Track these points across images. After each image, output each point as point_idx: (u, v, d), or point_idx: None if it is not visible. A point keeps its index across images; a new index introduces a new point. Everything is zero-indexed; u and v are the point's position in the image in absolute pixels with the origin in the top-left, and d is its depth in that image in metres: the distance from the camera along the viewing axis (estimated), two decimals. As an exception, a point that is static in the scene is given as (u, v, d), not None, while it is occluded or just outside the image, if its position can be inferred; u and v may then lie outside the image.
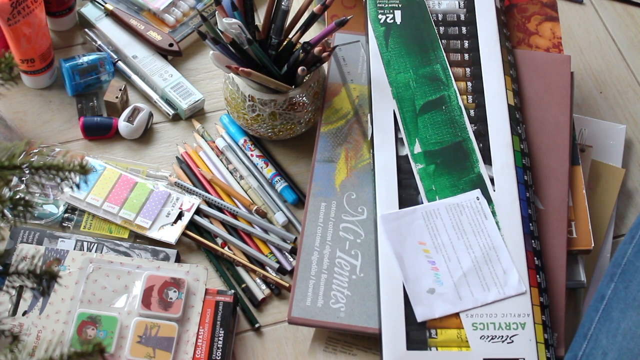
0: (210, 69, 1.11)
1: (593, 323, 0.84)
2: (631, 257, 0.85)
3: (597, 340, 0.82)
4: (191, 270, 0.91)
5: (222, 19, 0.92)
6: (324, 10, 0.94)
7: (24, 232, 0.95)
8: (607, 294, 0.85)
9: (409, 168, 0.93)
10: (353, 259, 0.90)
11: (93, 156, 1.03)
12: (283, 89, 0.96)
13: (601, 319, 0.83)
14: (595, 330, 0.83)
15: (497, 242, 0.89)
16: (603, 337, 0.82)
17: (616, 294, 0.84)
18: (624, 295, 0.83)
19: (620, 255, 0.86)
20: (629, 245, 0.86)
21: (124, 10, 1.12)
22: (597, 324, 0.83)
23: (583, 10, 1.22)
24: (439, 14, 1.03)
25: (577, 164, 0.97)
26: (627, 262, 0.85)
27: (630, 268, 0.84)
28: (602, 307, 0.84)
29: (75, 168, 0.61)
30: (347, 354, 0.89)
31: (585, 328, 0.84)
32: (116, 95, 1.06)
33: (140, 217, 0.97)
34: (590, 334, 0.83)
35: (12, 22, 0.98)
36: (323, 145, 0.97)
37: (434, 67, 0.99)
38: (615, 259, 0.87)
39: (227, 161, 1.04)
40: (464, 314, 0.86)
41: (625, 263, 0.85)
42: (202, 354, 0.87)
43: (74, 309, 0.88)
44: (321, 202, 0.93)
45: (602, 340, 0.82)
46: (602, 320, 0.83)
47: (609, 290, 0.85)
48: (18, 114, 1.06)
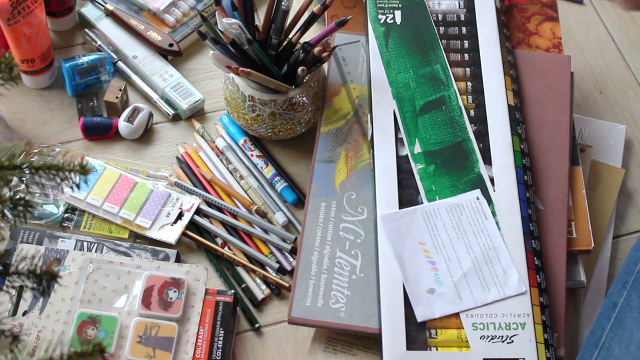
0: (210, 69, 1.11)
1: (605, 331, 0.82)
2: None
3: (609, 349, 0.81)
4: (191, 270, 0.91)
5: (222, 19, 0.92)
6: (324, 10, 0.94)
7: (24, 232, 0.95)
8: (619, 302, 0.83)
9: (409, 168, 0.93)
10: (353, 259, 0.90)
11: (93, 156, 1.03)
12: (283, 89, 0.96)
13: (613, 328, 0.82)
14: (607, 339, 0.81)
15: (497, 242, 0.89)
16: (616, 346, 0.80)
17: (629, 303, 0.82)
18: (638, 304, 0.81)
19: (633, 262, 0.84)
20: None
21: (124, 11, 1.12)
22: (610, 332, 0.82)
23: (583, 10, 1.22)
24: (439, 14, 1.03)
25: (577, 164, 0.97)
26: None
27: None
28: (615, 315, 0.82)
29: (75, 168, 0.61)
30: (347, 354, 0.89)
31: (597, 336, 0.83)
32: (116, 95, 1.06)
33: (140, 217, 0.97)
34: (602, 343, 0.82)
35: (12, 22, 0.98)
36: (323, 145, 0.97)
37: (434, 67, 0.99)
38: (627, 265, 0.85)
39: (227, 161, 1.04)
40: (464, 314, 0.86)
41: (639, 271, 0.83)
42: (202, 354, 0.87)
43: (74, 309, 0.88)
44: (321, 202, 0.93)
45: (614, 350, 0.80)
46: (614, 328, 0.82)
47: (621, 298, 0.83)
48: (18, 114, 1.06)
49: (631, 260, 0.85)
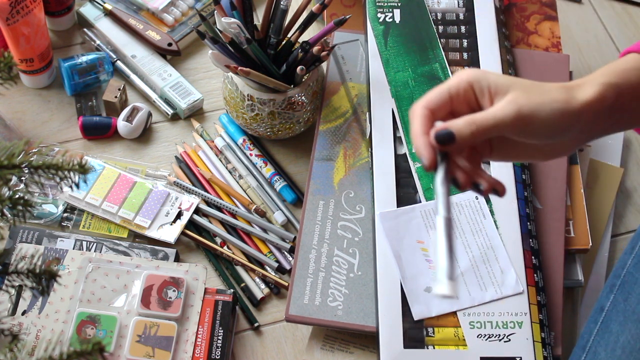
0: (209, 68, 1.11)
1: (592, 335, 0.82)
2: (631, 268, 0.83)
3: (595, 353, 0.80)
4: (190, 269, 0.91)
5: (221, 19, 0.92)
6: (322, 9, 0.94)
7: (23, 232, 0.95)
8: (606, 305, 0.82)
9: (407, 167, 0.93)
10: (351, 257, 0.90)
11: (92, 155, 1.03)
12: (282, 88, 0.96)
13: (600, 331, 0.81)
14: (594, 343, 0.81)
15: (496, 241, 0.89)
16: (602, 350, 0.80)
17: (615, 306, 0.82)
18: (623, 307, 0.81)
19: (620, 266, 0.84)
20: (629, 255, 0.84)
21: (122, 10, 1.12)
22: (596, 336, 0.81)
23: (582, 9, 1.22)
24: (438, 12, 1.03)
25: (576, 163, 0.97)
26: (626, 274, 0.83)
27: (629, 280, 0.82)
28: (601, 319, 0.82)
29: (74, 167, 0.61)
30: (345, 352, 0.89)
31: (584, 340, 0.82)
32: (115, 95, 1.06)
33: (139, 216, 0.97)
34: (589, 347, 0.81)
35: (11, 21, 0.98)
36: (321, 143, 0.97)
37: (432, 65, 0.99)
38: (615, 269, 0.85)
39: (226, 160, 1.04)
40: (461, 313, 0.86)
41: (625, 274, 0.83)
42: (202, 353, 0.87)
43: (73, 309, 0.88)
44: (319, 200, 0.94)
45: (600, 354, 0.80)
46: (600, 332, 0.81)
47: (608, 302, 0.83)
48: (17, 113, 1.07)
49: (619, 264, 0.84)
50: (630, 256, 0.84)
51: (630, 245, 0.86)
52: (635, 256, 0.84)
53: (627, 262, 0.84)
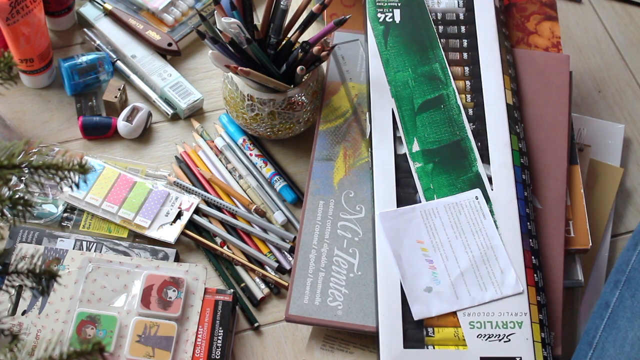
0: (209, 68, 1.11)
1: (598, 331, 0.82)
2: (636, 264, 0.83)
3: (603, 349, 0.81)
4: (190, 269, 0.91)
5: (221, 19, 0.92)
6: (322, 9, 0.94)
7: (23, 232, 0.95)
8: (612, 301, 0.83)
9: (407, 167, 0.93)
10: (351, 257, 0.90)
11: (92, 155, 1.03)
12: (282, 88, 0.96)
13: (607, 327, 0.82)
14: (601, 339, 0.81)
15: (495, 241, 0.89)
16: (610, 346, 0.80)
17: (622, 303, 0.82)
18: (631, 304, 0.82)
19: (624, 262, 0.85)
20: (633, 252, 0.84)
21: (122, 10, 1.12)
22: (603, 332, 0.82)
23: (582, 9, 1.22)
24: (438, 12, 1.03)
25: (576, 163, 0.97)
26: (632, 270, 0.83)
27: (635, 276, 0.82)
28: (608, 315, 0.83)
29: (74, 167, 0.61)
30: (344, 352, 0.89)
31: (590, 336, 0.83)
32: (115, 95, 1.06)
33: (139, 216, 0.97)
34: (595, 343, 0.82)
35: (11, 21, 0.98)
36: (321, 143, 0.97)
37: (432, 66, 0.99)
38: (618, 265, 0.85)
39: (226, 160, 1.04)
40: (461, 313, 0.86)
41: (630, 270, 0.83)
42: (202, 353, 0.87)
43: (73, 309, 0.88)
44: (319, 200, 0.94)
45: (609, 350, 0.80)
46: (607, 328, 0.81)
47: (613, 297, 0.83)
48: (17, 113, 1.07)
49: (623, 259, 0.85)
50: (634, 252, 0.84)
51: (633, 241, 0.86)
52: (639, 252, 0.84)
53: (631, 258, 0.84)
